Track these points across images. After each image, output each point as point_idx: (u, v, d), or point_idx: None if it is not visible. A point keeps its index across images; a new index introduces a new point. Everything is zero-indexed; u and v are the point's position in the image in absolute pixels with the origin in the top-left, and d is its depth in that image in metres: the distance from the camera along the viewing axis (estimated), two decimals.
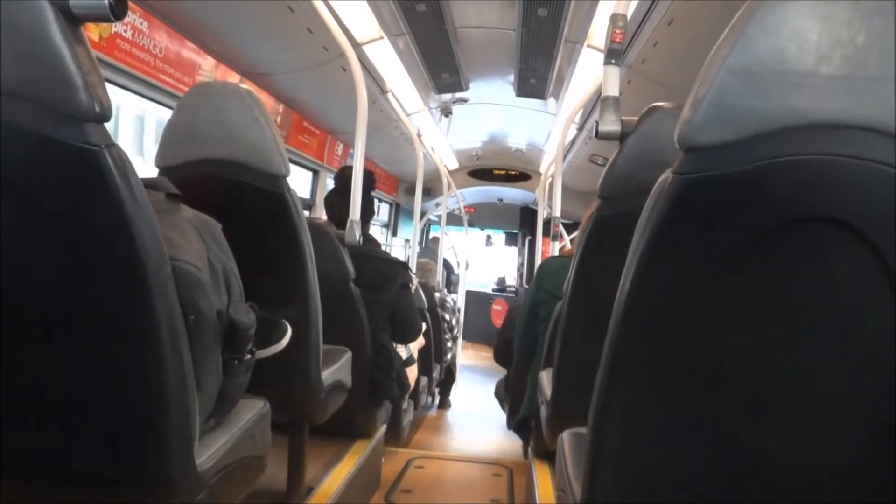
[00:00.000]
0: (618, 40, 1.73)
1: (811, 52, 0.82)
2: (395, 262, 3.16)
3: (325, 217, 3.21)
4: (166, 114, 2.81)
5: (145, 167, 2.81)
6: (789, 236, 0.87)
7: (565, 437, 1.52)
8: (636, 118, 1.66)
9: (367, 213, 3.07)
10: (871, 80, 0.82)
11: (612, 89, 1.73)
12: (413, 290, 3.40)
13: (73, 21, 0.98)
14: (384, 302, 2.95)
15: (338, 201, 2.87)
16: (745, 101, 0.84)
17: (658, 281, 0.92)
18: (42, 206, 1.04)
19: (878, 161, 0.82)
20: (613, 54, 1.75)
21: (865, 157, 0.82)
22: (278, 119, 4.71)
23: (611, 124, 1.67)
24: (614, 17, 1.73)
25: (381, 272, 2.98)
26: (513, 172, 9.62)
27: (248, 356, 1.39)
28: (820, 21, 0.82)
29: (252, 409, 1.52)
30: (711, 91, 0.85)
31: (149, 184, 1.15)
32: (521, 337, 3.22)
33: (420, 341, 4.46)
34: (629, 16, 2.45)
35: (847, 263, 0.87)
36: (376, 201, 5.56)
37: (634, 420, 1.00)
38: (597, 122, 1.68)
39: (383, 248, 3.44)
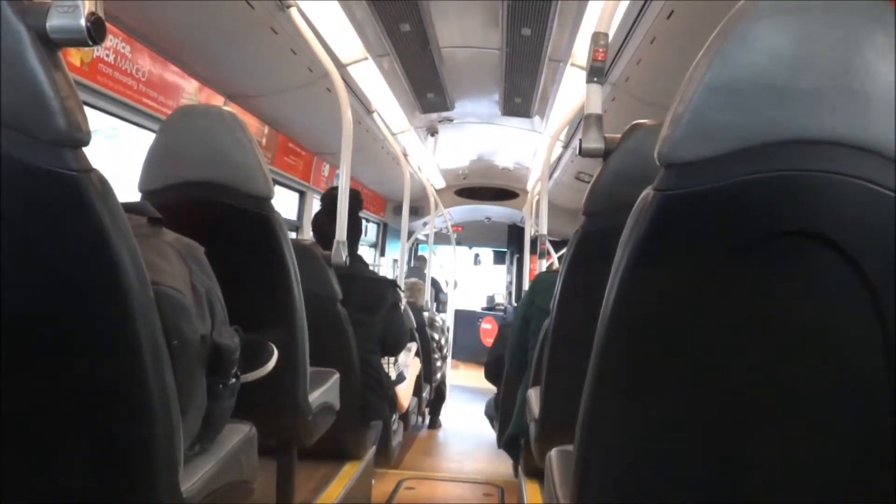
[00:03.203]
0: (600, 59, 1.74)
1: (787, 68, 0.83)
2: (385, 281, 3.16)
3: (310, 238, 3.20)
4: (149, 137, 2.81)
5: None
6: (769, 251, 0.87)
7: (553, 455, 1.52)
8: (620, 135, 1.66)
9: (355, 233, 3.07)
10: (847, 95, 0.83)
11: (595, 107, 1.74)
12: (402, 310, 3.40)
13: (50, 46, 0.98)
14: (375, 323, 2.95)
15: (325, 222, 2.87)
16: (724, 117, 0.84)
17: (640, 297, 0.92)
18: (22, 232, 1.03)
19: (855, 176, 0.83)
20: (596, 72, 1.77)
21: (843, 172, 0.83)
22: (263, 140, 4.71)
23: (594, 142, 1.68)
24: (596, 36, 1.74)
25: (372, 292, 2.98)
26: (500, 191, 9.63)
27: (234, 380, 1.38)
28: (796, 37, 0.83)
29: (238, 434, 1.51)
30: (690, 108, 0.85)
31: (130, 208, 1.15)
32: (512, 350, 3.23)
33: (416, 366, 4.45)
34: (612, 34, 2.47)
35: (827, 277, 0.87)
36: (364, 222, 5.58)
37: (620, 437, 1.00)
38: (580, 140, 1.69)
39: (372, 268, 3.45)
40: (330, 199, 2.92)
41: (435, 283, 9.08)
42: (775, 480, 0.96)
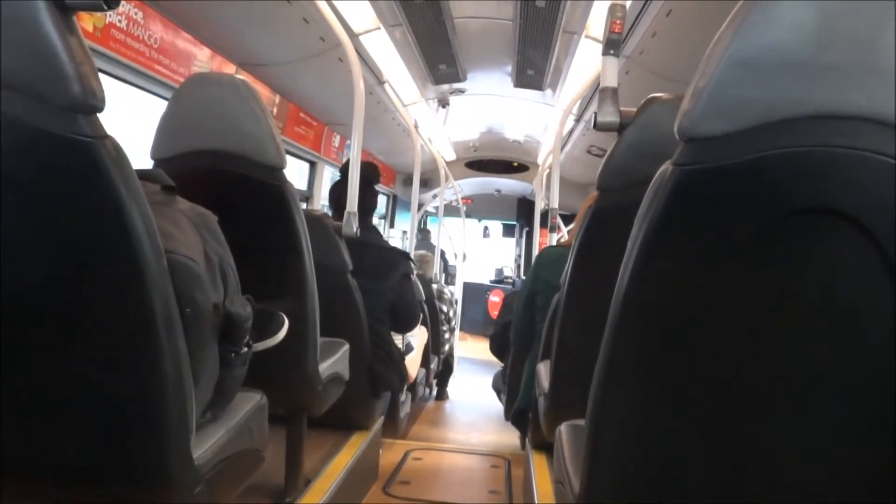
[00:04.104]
0: (617, 31, 1.72)
1: (811, 43, 0.82)
2: (397, 251, 3.16)
3: (319, 208, 3.20)
4: (161, 105, 2.80)
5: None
6: (790, 228, 0.86)
7: (563, 429, 1.52)
8: (634, 109, 1.65)
9: (370, 204, 3.07)
10: (871, 70, 0.81)
11: (611, 80, 1.72)
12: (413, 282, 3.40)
13: (65, 11, 0.97)
14: (385, 290, 2.95)
15: (344, 193, 2.86)
16: (746, 93, 0.83)
17: (657, 273, 0.92)
18: (36, 198, 1.03)
19: (878, 152, 0.82)
20: (612, 45, 1.75)
21: (865, 147, 0.82)
22: (275, 110, 4.70)
23: (609, 115, 1.66)
24: (613, 8, 1.72)
25: (383, 260, 2.98)
26: (510, 163, 9.60)
27: (245, 349, 1.39)
28: (819, 12, 0.82)
29: (249, 402, 1.52)
30: (712, 82, 0.84)
31: (144, 175, 1.14)
32: (517, 325, 3.22)
33: (424, 336, 4.45)
34: (627, 6, 2.44)
35: (847, 254, 0.86)
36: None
37: (632, 413, 1.00)
38: (595, 114, 1.67)
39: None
40: (349, 169, 2.92)
41: (443, 256, 9.08)
42: (791, 462, 0.96)
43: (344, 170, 3.02)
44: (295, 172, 5.77)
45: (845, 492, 0.96)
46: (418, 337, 4.18)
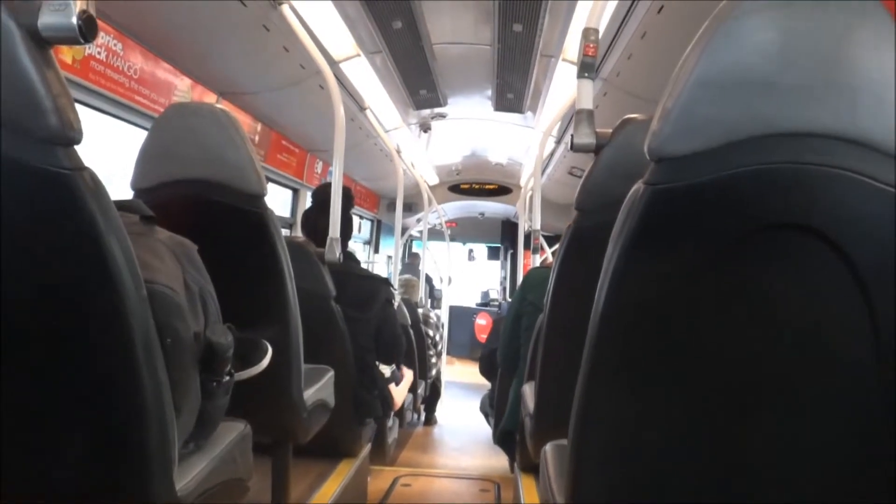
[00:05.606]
0: (590, 54, 1.75)
1: (774, 62, 0.84)
2: (378, 278, 3.16)
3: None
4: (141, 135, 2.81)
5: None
6: (760, 244, 0.88)
7: (548, 449, 1.52)
8: (611, 130, 1.67)
9: (347, 230, 3.07)
10: (834, 88, 0.83)
11: (586, 102, 1.74)
12: (396, 307, 3.40)
13: (41, 44, 0.97)
14: (368, 319, 2.94)
15: (317, 218, 2.86)
16: (712, 112, 0.85)
17: (632, 291, 0.93)
18: (14, 230, 1.03)
19: (842, 168, 0.84)
20: (586, 68, 1.77)
21: (830, 164, 0.84)
22: (256, 138, 4.70)
23: (585, 137, 1.69)
24: (586, 32, 1.75)
25: (364, 289, 2.98)
26: (493, 186, 9.64)
27: (227, 378, 1.38)
28: (782, 32, 0.84)
29: (233, 432, 1.51)
30: (679, 102, 0.86)
31: (122, 206, 1.15)
32: (504, 347, 3.23)
33: (409, 375, 4.43)
34: (602, 30, 2.47)
35: (817, 269, 0.88)
36: (357, 218, 5.54)
37: (613, 430, 1.00)
38: (572, 136, 1.69)
39: (365, 265, 3.44)
40: (321, 195, 2.92)
41: (429, 280, 9.08)
42: (768, 473, 0.96)
43: (315, 195, 3.02)
44: (279, 201, 5.77)
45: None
46: (405, 373, 4.16)
